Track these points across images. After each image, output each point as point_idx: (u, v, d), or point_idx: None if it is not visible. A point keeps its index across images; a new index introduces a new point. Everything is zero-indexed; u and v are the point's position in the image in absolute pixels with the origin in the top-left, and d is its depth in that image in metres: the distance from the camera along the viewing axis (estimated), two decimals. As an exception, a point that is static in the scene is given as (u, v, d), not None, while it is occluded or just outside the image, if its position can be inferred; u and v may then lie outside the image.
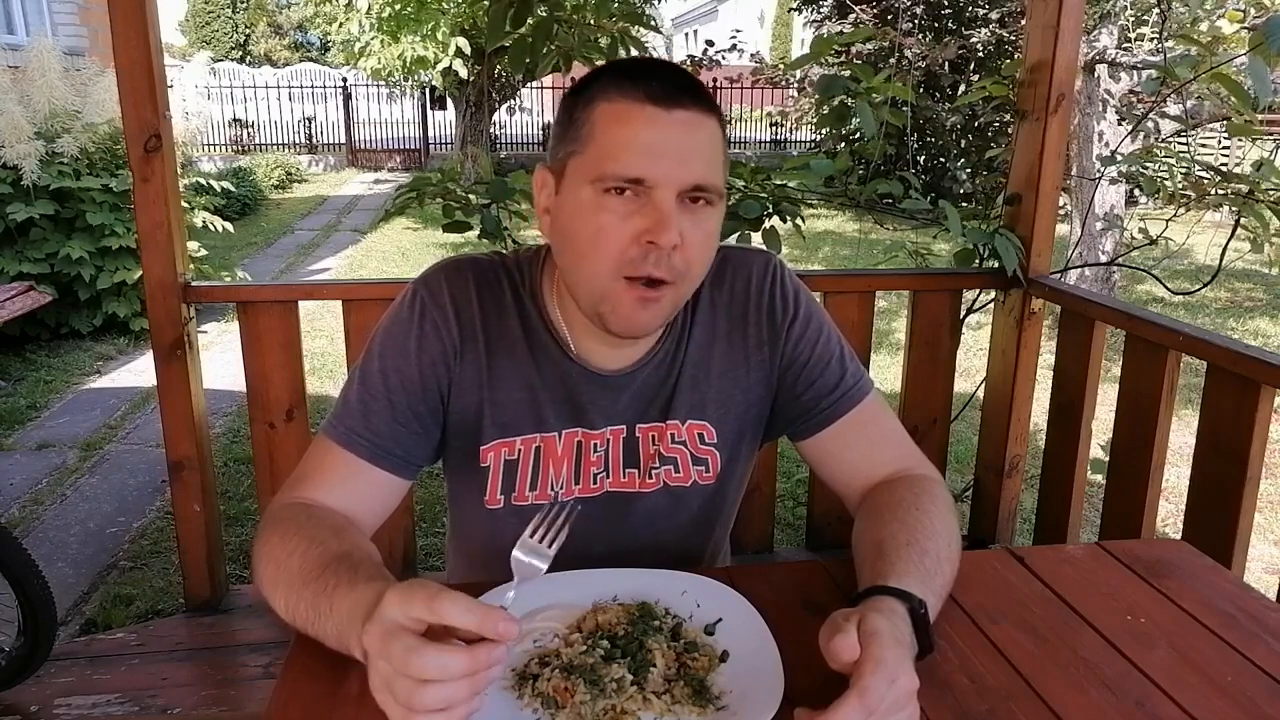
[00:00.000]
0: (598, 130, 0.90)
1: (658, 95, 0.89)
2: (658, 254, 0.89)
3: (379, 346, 1.01)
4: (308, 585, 0.81)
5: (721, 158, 0.94)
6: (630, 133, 0.89)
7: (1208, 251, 5.52)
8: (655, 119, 0.89)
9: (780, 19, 28.75)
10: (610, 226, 0.89)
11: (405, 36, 9.99)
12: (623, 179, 0.88)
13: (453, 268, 1.04)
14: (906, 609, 0.78)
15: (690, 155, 0.89)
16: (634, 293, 0.91)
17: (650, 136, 0.88)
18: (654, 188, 0.88)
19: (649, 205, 0.88)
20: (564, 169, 0.94)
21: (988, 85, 2.46)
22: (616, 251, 0.90)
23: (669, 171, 0.88)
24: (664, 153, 0.88)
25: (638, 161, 0.88)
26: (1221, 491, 1.74)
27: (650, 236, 0.88)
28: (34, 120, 4.88)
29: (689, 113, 0.90)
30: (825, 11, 11.31)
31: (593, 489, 1.06)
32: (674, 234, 0.88)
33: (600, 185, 0.89)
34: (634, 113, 0.89)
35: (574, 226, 0.92)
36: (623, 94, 0.90)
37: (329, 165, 14.57)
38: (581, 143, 0.91)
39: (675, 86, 0.90)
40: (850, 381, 1.06)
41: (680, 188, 0.89)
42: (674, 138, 0.89)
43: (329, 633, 0.78)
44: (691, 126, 0.90)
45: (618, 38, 2.57)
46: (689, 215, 0.90)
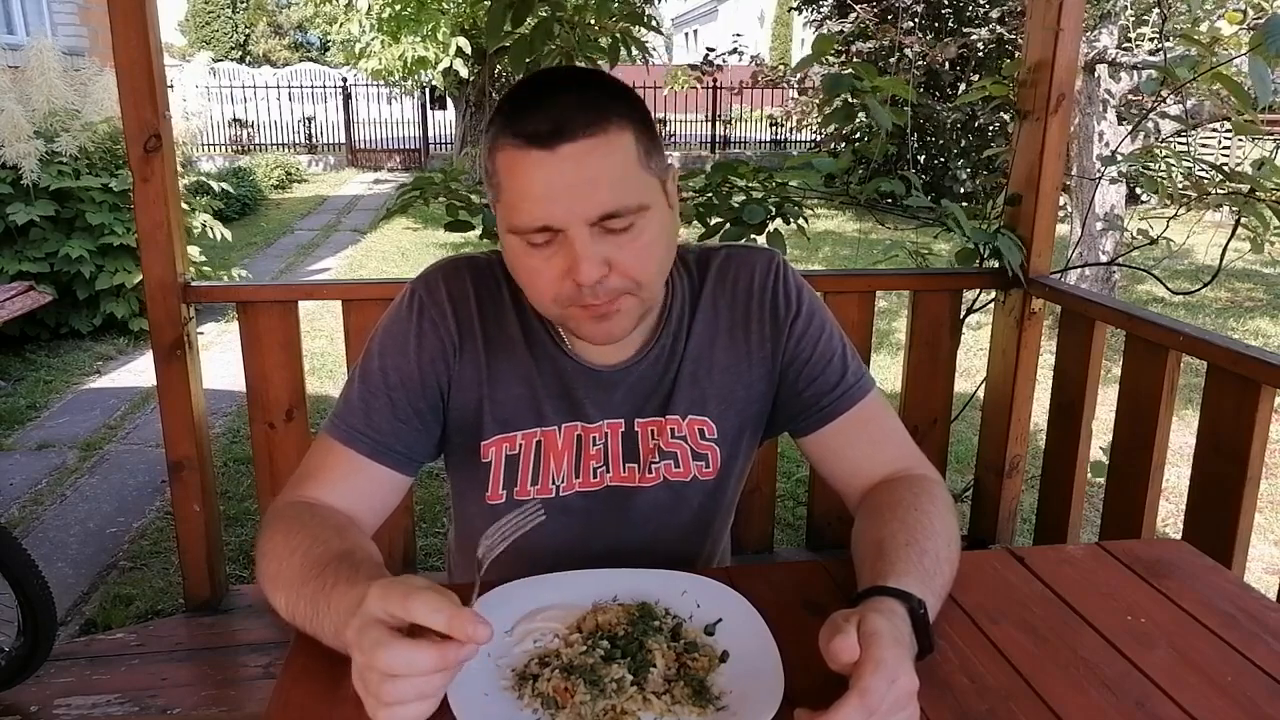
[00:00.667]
0: (501, 181, 0.90)
1: (541, 136, 0.85)
2: (589, 287, 0.89)
3: (378, 345, 1.02)
4: (308, 583, 0.81)
5: (636, 168, 0.89)
6: (524, 183, 0.87)
7: (1208, 251, 5.52)
8: (542, 163, 0.86)
9: (780, 19, 28.75)
10: (537, 270, 0.90)
11: (405, 36, 9.99)
12: (530, 230, 0.88)
13: (450, 267, 1.05)
14: (906, 609, 0.78)
15: (589, 188, 0.86)
16: (586, 312, 0.92)
17: (542, 182, 0.86)
18: (562, 229, 0.87)
19: (564, 245, 0.88)
20: (495, 208, 0.94)
21: (988, 85, 2.46)
22: (552, 290, 0.91)
23: (569, 210, 0.86)
24: (559, 194, 0.86)
25: (537, 209, 0.87)
26: (1221, 491, 1.74)
27: (572, 276, 0.88)
28: (33, 119, 4.88)
29: (577, 144, 0.85)
30: (825, 11, 11.30)
31: (593, 483, 1.07)
32: (593, 269, 0.87)
33: (516, 236, 0.90)
34: (522, 160, 0.86)
35: (514, 268, 0.95)
36: (511, 140, 0.87)
37: (329, 165, 14.57)
38: (496, 190, 0.92)
39: (560, 119, 0.85)
40: (852, 379, 1.06)
41: (588, 221, 0.87)
42: (565, 177, 0.86)
43: (326, 630, 0.78)
44: (582, 156, 0.86)
45: (619, 38, 2.57)
46: (611, 241, 0.88)
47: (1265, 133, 5.12)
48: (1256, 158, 2.86)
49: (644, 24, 2.69)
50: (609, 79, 0.92)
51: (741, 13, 31.73)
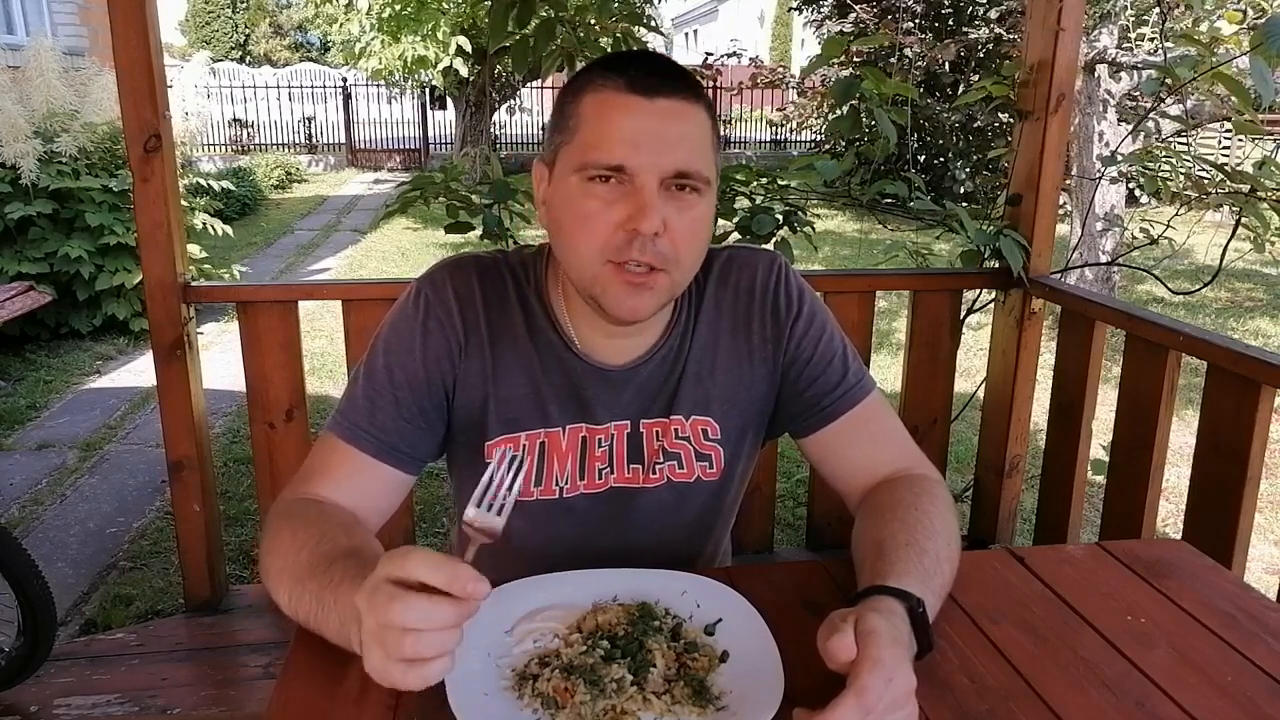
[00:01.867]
0: (583, 120, 0.92)
1: (639, 84, 0.90)
2: (641, 240, 0.90)
3: (383, 343, 1.02)
4: (313, 578, 0.82)
5: (709, 146, 0.94)
6: (612, 121, 0.90)
7: (1208, 251, 5.52)
8: (637, 107, 0.90)
9: (780, 19, 28.75)
10: (595, 213, 0.91)
11: (405, 36, 9.99)
12: (604, 166, 0.89)
13: (456, 265, 1.05)
14: (905, 608, 0.79)
15: (672, 143, 0.90)
16: (622, 276, 0.92)
17: (631, 124, 0.89)
18: (635, 175, 0.89)
19: (631, 192, 0.89)
20: (555, 158, 0.96)
21: (988, 85, 2.46)
22: (601, 238, 0.91)
23: (650, 159, 0.89)
24: (645, 140, 0.89)
25: (619, 149, 0.89)
26: (1221, 491, 1.74)
27: (633, 223, 0.89)
28: (32, 120, 4.88)
29: (672, 101, 0.90)
30: (825, 11, 11.31)
31: (598, 484, 1.07)
32: (655, 220, 0.89)
33: (584, 173, 0.91)
34: (616, 101, 0.90)
35: (563, 213, 0.94)
36: (606, 83, 0.91)
37: (329, 165, 14.57)
38: (569, 132, 0.93)
39: (658, 75, 0.91)
40: (853, 380, 1.06)
41: (662, 175, 0.89)
42: (655, 125, 0.90)
43: (331, 625, 0.78)
44: (674, 114, 0.91)
45: (620, 38, 2.57)
46: (674, 202, 0.91)
47: (1265, 133, 5.11)
48: (1257, 158, 2.86)
49: (644, 24, 2.68)
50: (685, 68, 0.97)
51: (741, 13, 31.73)
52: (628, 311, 0.94)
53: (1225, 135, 9.97)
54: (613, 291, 0.93)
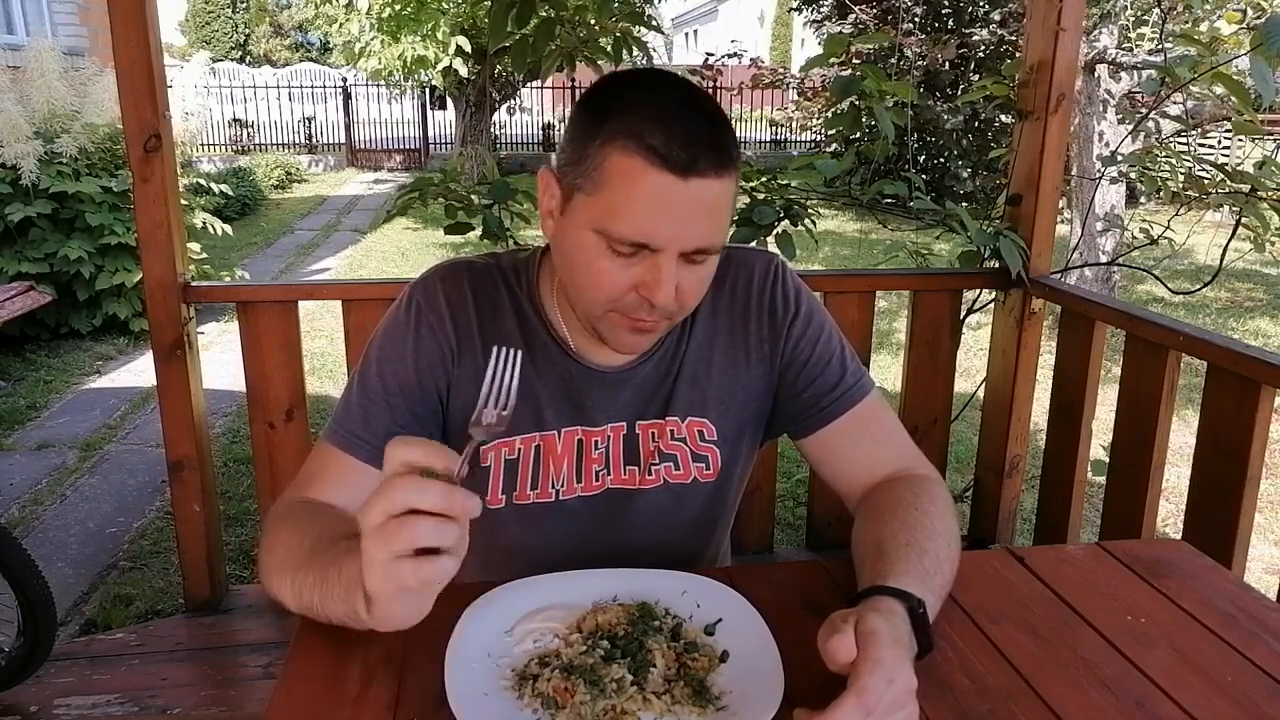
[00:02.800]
0: (608, 180, 0.87)
1: (678, 163, 0.84)
2: (649, 306, 0.90)
3: (376, 351, 1.02)
4: (317, 559, 0.82)
5: (730, 211, 0.93)
6: (640, 198, 0.86)
7: (1208, 251, 5.52)
8: (670, 187, 0.85)
9: (780, 19, 28.76)
10: (608, 273, 0.90)
11: (405, 36, 9.98)
12: (627, 242, 0.87)
13: (448, 271, 1.05)
14: (905, 609, 0.79)
15: (699, 223, 0.88)
16: (628, 323, 0.93)
17: (662, 205, 0.86)
18: (657, 251, 0.88)
19: (649, 264, 0.88)
20: (571, 195, 0.91)
21: (988, 85, 2.46)
22: (612, 295, 0.91)
23: (674, 238, 0.87)
24: (671, 221, 0.86)
25: (644, 227, 0.86)
26: (1221, 491, 1.74)
27: (646, 292, 0.89)
28: (32, 120, 4.88)
29: (706, 180, 0.86)
30: (825, 11, 11.31)
31: (594, 486, 1.07)
32: (670, 292, 0.89)
33: (603, 238, 0.88)
34: (649, 176, 0.85)
35: (575, 260, 0.92)
36: (641, 150, 0.85)
37: (329, 165, 14.56)
38: (590, 184, 0.88)
39: (697, 151, 0.85)
40: (851, 380, 1.06)
41: (683, 250, 0.88)
42: (685, 209, 0.86)
43: (336, 595, 0.78)
44: (705, 195, 0.87)
45: (620, 38, 2.57)
46: (686, 268, 0.90)
47: (1265, 132, 5.12)
48: (1257, 158, 2.86)
49: (645, 24, 2.69)
50: (723, 113, 0.91)
51: (741, 13, 31.73)
52: (629, 348, 0.97)
53: (1225, 135, 9.96)
54: (615, 334, 0.95)
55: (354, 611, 0.75)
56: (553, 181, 0.94)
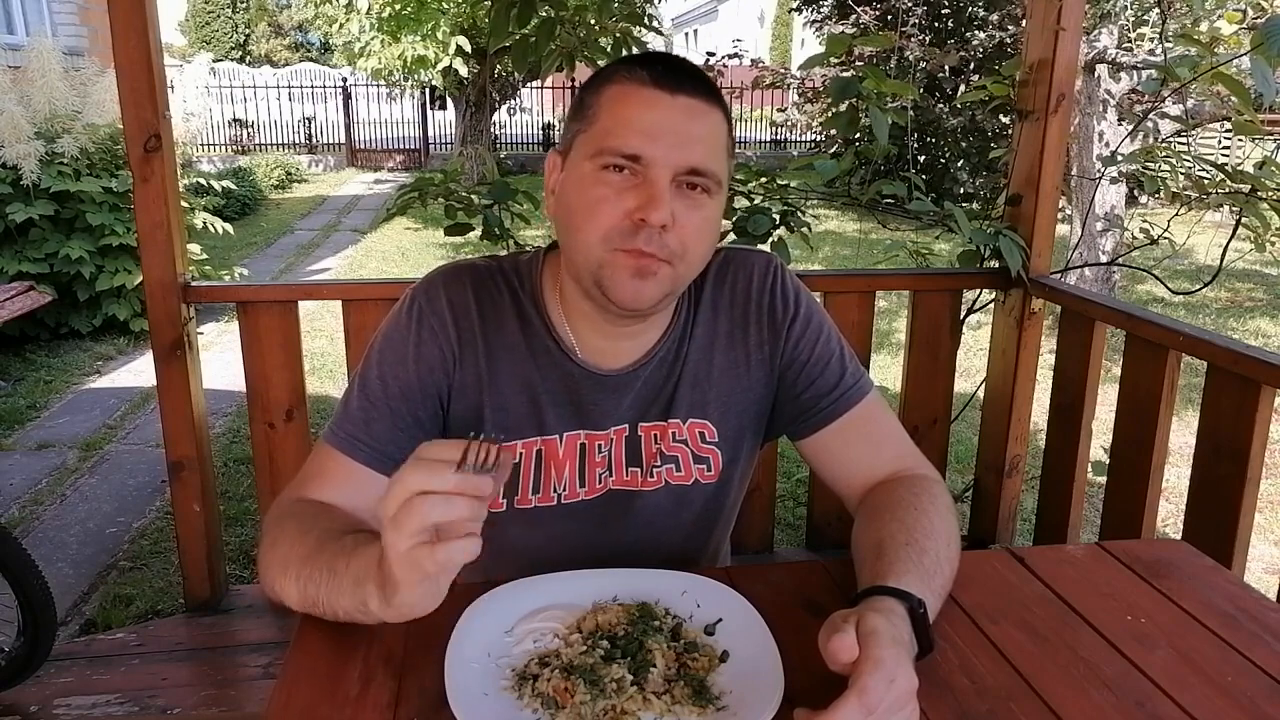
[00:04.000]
0: (603, 109, 0.93)
1: (662, 79, 0.92)
2: (648, 232, 0.90)
3: (378, 354, 1.02)
4: (324, 551, 0.83)
5: (723, 148, 0.96)
6: (632, 112, 0.92)
7: (1208, 251, 5.52)
8: (657, 101, 0.91)
9: (780, 19, 28.76)
10: (605, 199, 0.91)
11: (405, 36, 9.99)
12: (620, 154, 0.90)
13: (450, 273, 1.05)
14: (905, 609, 0.79)
15: (689, 139, 0.91)
16: (629, 260, 0.92)
17: (651, 117, 0.91)
18: (649, 166, 0.90)
19: (643, 184, 0.90)
20: (570, 147, 0.97)
21: (988, 85, 2.46)
22: (609, 224, 0.91)
23: (666, 152, 0.90)
24: (662, 133, 0.91)
25: (636, 139, 0.90)
26: (1221, 491, 1.74)
27: (641, 213, 0.90)
28: (34, 120, 4.88)
29: (692, 99, 0.92)
30: (825, 12, 11.32)
31: (597, 488, 1.07)
32: (665, 213, 0.89)
33: (599, 160, 0.92)
34: (638, 93, 0.92)
35: (573, 198, 0.95)
36: (630, 76, 0.93)
37: (329, 165, 14.56)
38: (587, 121, 0.95)
39: (682, 74, 0.93)
40: (850, 381, 1.06)
41: (676, 170, 0.91)
42: (674, 120, 0.91)
43: (344, 591, 0.79)
44: (693, 112, 0.92)
45: (620, 38, 2.57)
46: (684, 199, 0.92)
47: (1265, 133, 5.12)
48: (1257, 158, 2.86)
49: (644, 24, 2.69)
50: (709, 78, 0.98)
51: (741, 13, 31.73)
52: (630, 296, 0.93)
53: (1225, 135, 9.96)
54: (619, 275, 0.92)
55: (363, 602, 0.76)
56: (556, 158, 1.00)
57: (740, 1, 31.96)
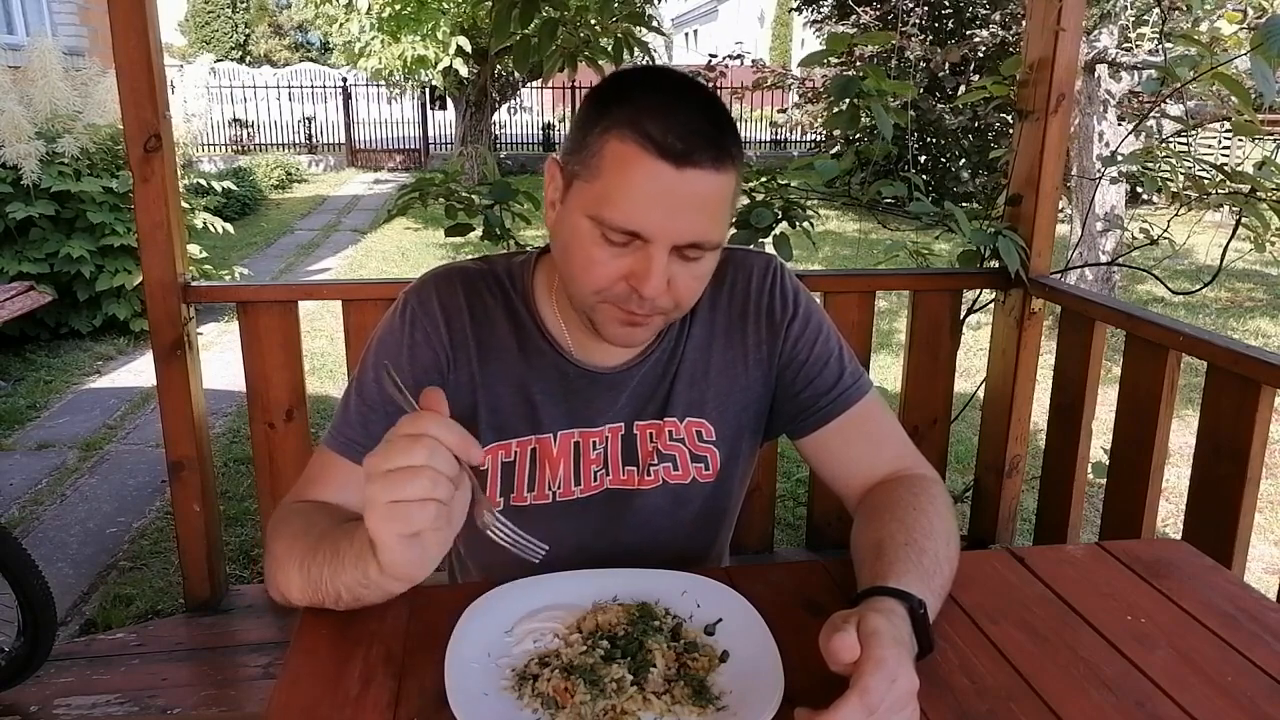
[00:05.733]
0: (604, 167, 0.87)
1: (673, 152, 0.84)
2: (639, 298, 0.89)
3: (373, 357, 1.03)
4: (328, 537, 0.85)
5: (728, 209, 0.92)
6: (634, 185, 0.86)
7: (1208, 251, 5.52)
8: (662, 177, 0.85)
9: (780, 19, 28.75)
10: (600, 261, 0.90)
11: (405, 36, 9.99)
12: (618, 229, 0.87)
13: (441, 276, 1.05)
14: (906, 609, 0.79)
15: (692, 216, 0.87)
16: (619, 315, 0.92)
17: (654, 194, 0.85)
18: (649, 242, 0.87)
19: (641, 254, 0.88)
20: (571, 183, 0.92)
21: (988, 85, 2.46)
22: (603, 285, 0.90)
23: (666, 230, 0.86)
24: (663, 211, 0.86)
25: (635, 216, 0.86)
26: (1222, 491, 1.74)
27: (635, 283, 0.89)
28: (35, 120, 4.88)
29: (701, 172, 0.86)
30: (825, 11, 11.32)
31: (593, 486, 1.07)
32: (659, 285, 0.88)
33: (597, 227, 0.88)
34: (643, 164, 0.85)
35: (570, 247, 0.93)
36: (637, 137, 0.85)
37: (329, 165, 14.56)
38: (588, 171, 0.89)
39: (694, 143, 0.85)
40: (849, 380, 1.06)
41: (675, 243, 0.88)
42: (678, 199, 0.86)
43: (347, 562, 0.81)
44: (700, 187, 0.86)
45: (621, 39, 2.57)
46: (680, 263, 0.90)
47: (1265, 133, 5.11)
48: (1257, 159, 2.86)
49: (645, 25, 2.68)
50: (728, 112, 0.91)
51: (741, 13, 31.73)
52: (623, 340, 0.96)
53: (1225, 135, 9.96)
54: (608, 325, 0.94)
55: (365, 574, 0.78)
56: (556, 170, 0.95)
57: (740, 1, 31.95)
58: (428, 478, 0.71)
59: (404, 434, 0.73)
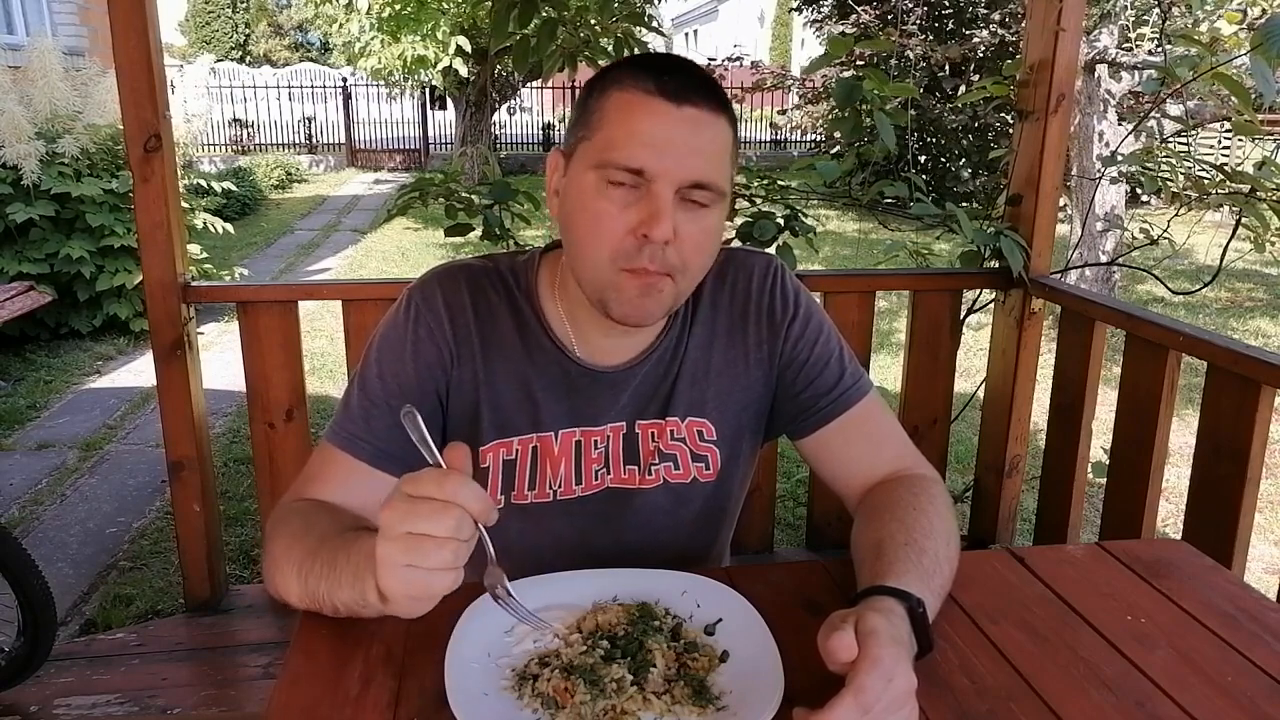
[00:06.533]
0: (606, 117, 0.91)
1: (669, 89, 0.89)
2: (652, 247, 0.90)
3: (376, 353, 1.03)
4: (326, 545, 0.85)
5: (727, 158, 0.94)
6: (636, 123, 0.89)
7: (1208, 251, 5.52)
8: (662, 112, 0.89)
9: (780, 19, 28.75)
10: (607, 215, 0.90)
11: (405, 36, 9.99)
12: (623, 168, 0.89)
13: (446, 274, 1.05)
14: (905, 608, 0.79)
15: (693, 152, 0.90)
16: (635, 280, 0.92)
17: (655, 129, 0.89)
18: (653, 180, 0.89)
19: (646, 198, 0.89)
20: (573, 151, 0.95)
21: (988, 85, 2.46)
22: (613, 242, 0.91)
23: (669, 166, 0.89)
24: (667, 147, 0.89)
25: (639, 153, 0.88)
26: (1221, 491, 1.74)
27: (644, 229, 0.89)
28: (35, 120, 4.88)
29: (698, 110, 0.90)
30: (825, 11, 11.32)
31: (594, 485, 1.07)
32: (667, 228, 0.89)
33: (602, 172, 0.90)
34: (643, 104, 0.89)
35: (575, 210, 0.94)
36: (635, 84, 0.90)
37: (329, 165, 14.56)
38: (591, 128, 0.92)
39: (688, 83, 0.90)
40: (849, 381, 1.06)
41: (679, 183, 0.89)
42: (679, 133, 0.89)
43: (344, 580, 0.80)
44: (698, 124, 0.90)
45: (621, 39, 2.57)
46: (686, 212, 0.91)
47: (1265, 133, 5.12)
48: (1257, 158, 2.86)
49: (645, 25, 2.68)
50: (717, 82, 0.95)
51: (741, 13, 31.73)
52: (637, 314, 0.95)
53: (1225, 135, 9.96)
54: (624, 294, 0.93)
55: (362, 595, 0.78)
56: (559, 158, 0.98)
57: (740, 2, 31.95)
58: (451, 550, 0.71)
59: (430, 496, 0.71)
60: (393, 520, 0.71)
